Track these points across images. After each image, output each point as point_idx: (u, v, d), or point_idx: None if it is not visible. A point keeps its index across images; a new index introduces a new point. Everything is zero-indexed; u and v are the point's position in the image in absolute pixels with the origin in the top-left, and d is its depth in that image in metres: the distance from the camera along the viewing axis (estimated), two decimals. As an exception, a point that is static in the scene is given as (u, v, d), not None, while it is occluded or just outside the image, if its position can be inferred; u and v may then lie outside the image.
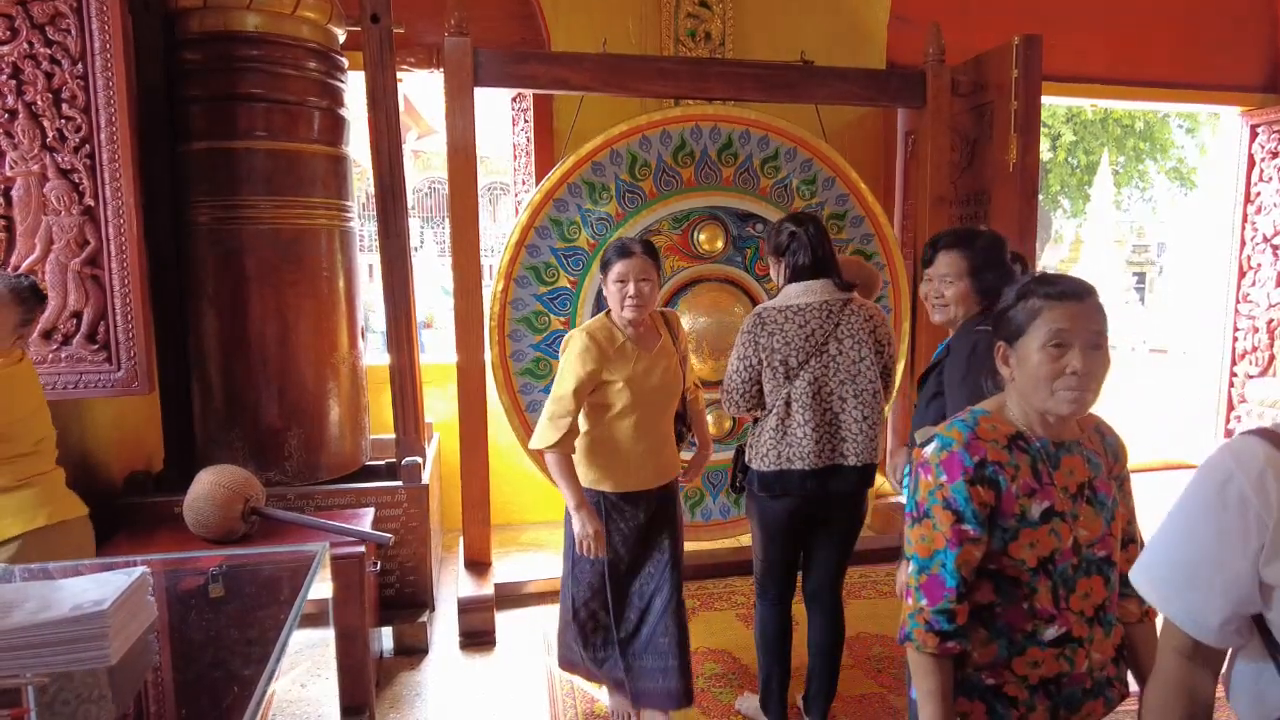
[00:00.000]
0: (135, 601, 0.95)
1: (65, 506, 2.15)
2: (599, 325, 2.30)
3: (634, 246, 2.24)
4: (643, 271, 2.21)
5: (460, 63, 3.21)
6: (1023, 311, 1.26)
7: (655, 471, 2.36)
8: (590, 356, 2.22)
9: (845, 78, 3.66)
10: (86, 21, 2.42)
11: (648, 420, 2.31)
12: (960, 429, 1.29)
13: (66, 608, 0.87)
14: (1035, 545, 1.25)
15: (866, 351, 2.27)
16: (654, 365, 2.29)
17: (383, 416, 3.64)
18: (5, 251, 2.46)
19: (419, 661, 3.03)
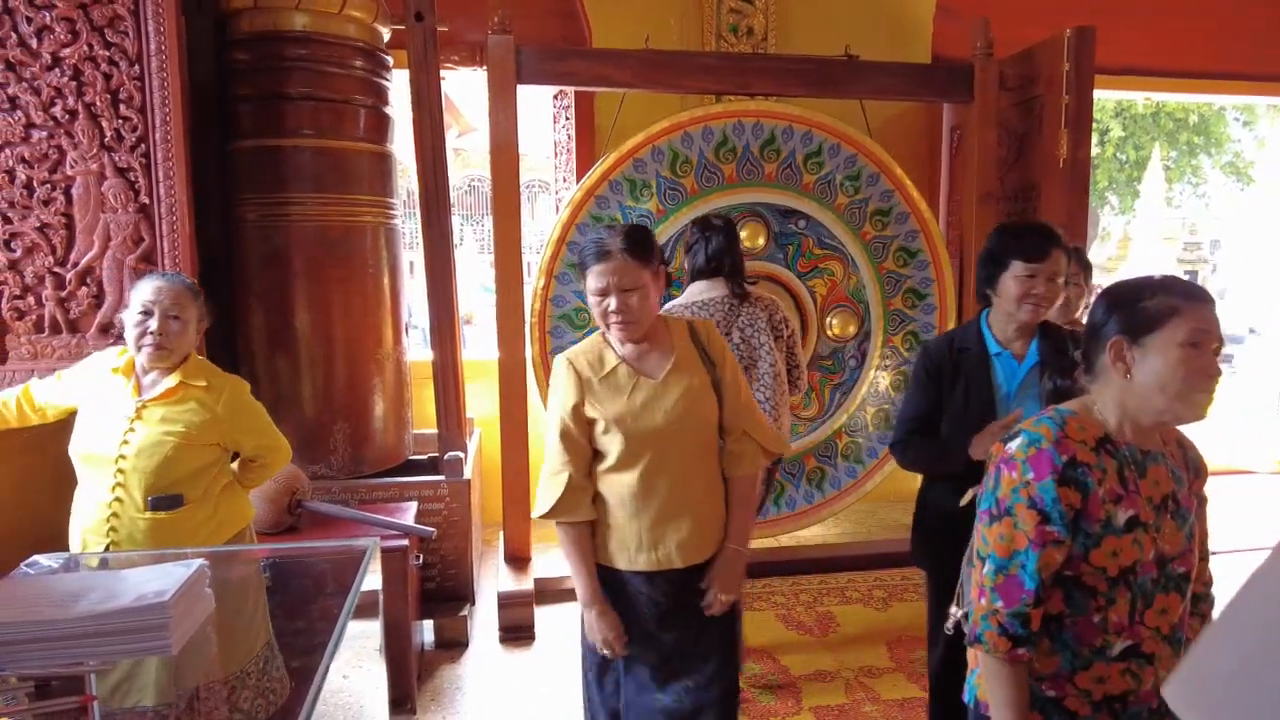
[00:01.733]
0: (194, 592, 0.97)
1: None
2: (587, 346, 1.75)
3: (611, 243, 1.63)
4: (627, 277, 1.61)
5: (503, 60, 3.22)
6: (1156, 307, 1.18)
7: (680, 544, 1.71)
8: (569, 388, 1.69)
9: (890, 72, 3.60)
10: (143, 24, 2.48)
11: (661, 472, 1.68)
12: (1050, 425, 1.23)
13: (130, 598, 0.89)
14: (1118, 554, 1.19)
15: (765, 338, 2.53)
16: (662, 396, 1.69)
17: (424, 412, 3.68)
18: (66, 248, 2.52)
19: (459, 655, 3.06)
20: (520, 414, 3.41)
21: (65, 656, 0.87)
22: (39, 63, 2.40)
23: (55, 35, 2.40)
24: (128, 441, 1.90)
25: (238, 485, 2.11)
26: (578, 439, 1.69)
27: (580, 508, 1.70)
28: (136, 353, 1.94)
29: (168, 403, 1.94)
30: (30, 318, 2.52)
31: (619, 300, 1.61)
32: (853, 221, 3.66)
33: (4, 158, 2.41)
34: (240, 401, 2.04)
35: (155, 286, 1.95)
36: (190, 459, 1.94)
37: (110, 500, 1.90)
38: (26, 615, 0.86)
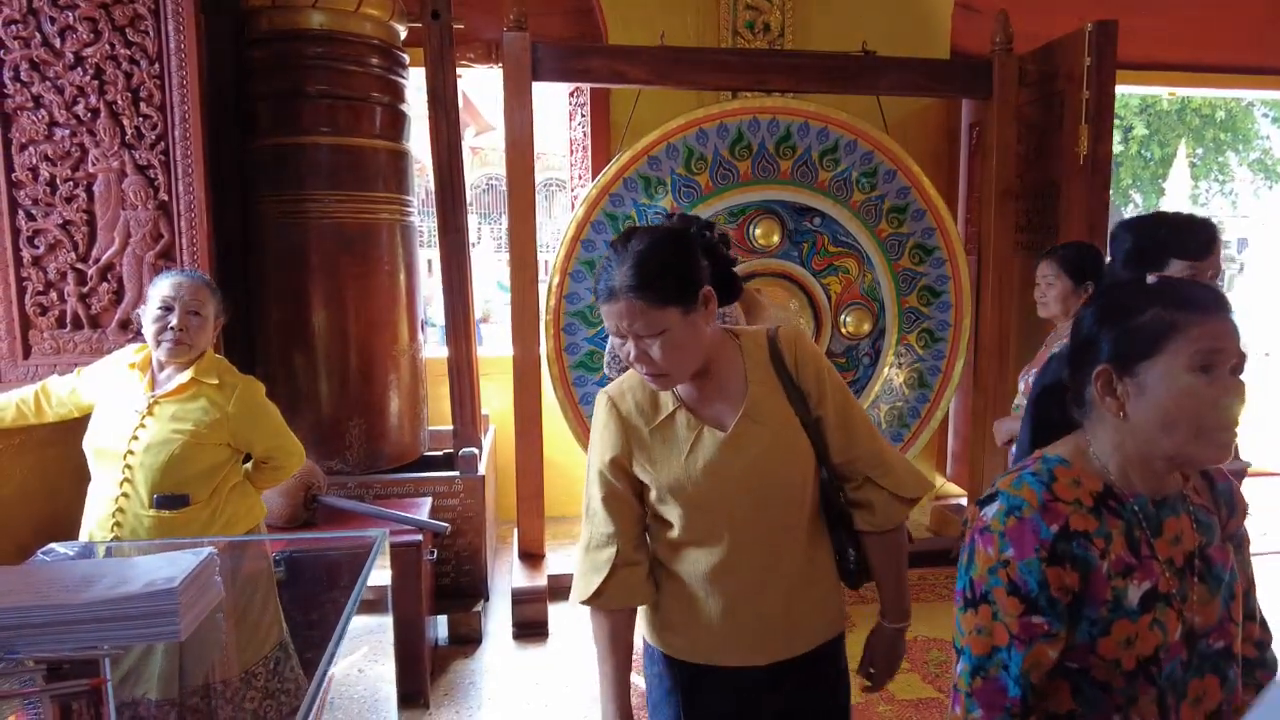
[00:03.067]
0: (204, 580, 0.98)
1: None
2: (637, 381, 1.32)
3: (618, 278, 1.18)
4: (642, 322, 1.18)
5: (519, 57, 3.23)
6: (1150, 324, 0.94)
7: (769, 633, 1.32)
8: (610, 438, 1.30)
9: (908, 68, 3.58)
10: (164, 23, 2.51)
11: (740, 549, 1.29)
12: (1033, 485, 0.96)
13: (140, 584, 0.90)
14: (1133, 642, 0.93)
15: None
16: (732, 455, 1.26)
17: (439, 408, 3.70)
18: (87, 244, 2.56)
19: (473, 651, 3.07)
20: (534, 411, 3.42)
21: (78, 641, 0.89)
22: (62, 62, 2.43)
23: (78, 35, 2.43)
24: (137, 437, 1.92)
25: (248, 485, 2.12)
26: (626, 501, 1.30)
27: (634, 590, 1.30)
28: (155, 348, 1.96)
29: (179, 399, 1.96)
30: (53, 313, 2.56)
31: (636, 349, 1.20)
32: (868, 219, 3.64)
33: (28, 156, 2.45)
34: (252, 402, 2.04)
35: (175, 282, 1.97)
36: (198, 459, 1.94)
37: (117, 495, 1.92)
38: (40, 600, 0.87)
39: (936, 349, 3.81)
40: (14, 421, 2.11)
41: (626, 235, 1.21)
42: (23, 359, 2.54)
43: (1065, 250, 2.46)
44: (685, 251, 1.21)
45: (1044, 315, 2.51)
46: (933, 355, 3.82)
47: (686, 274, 1.19)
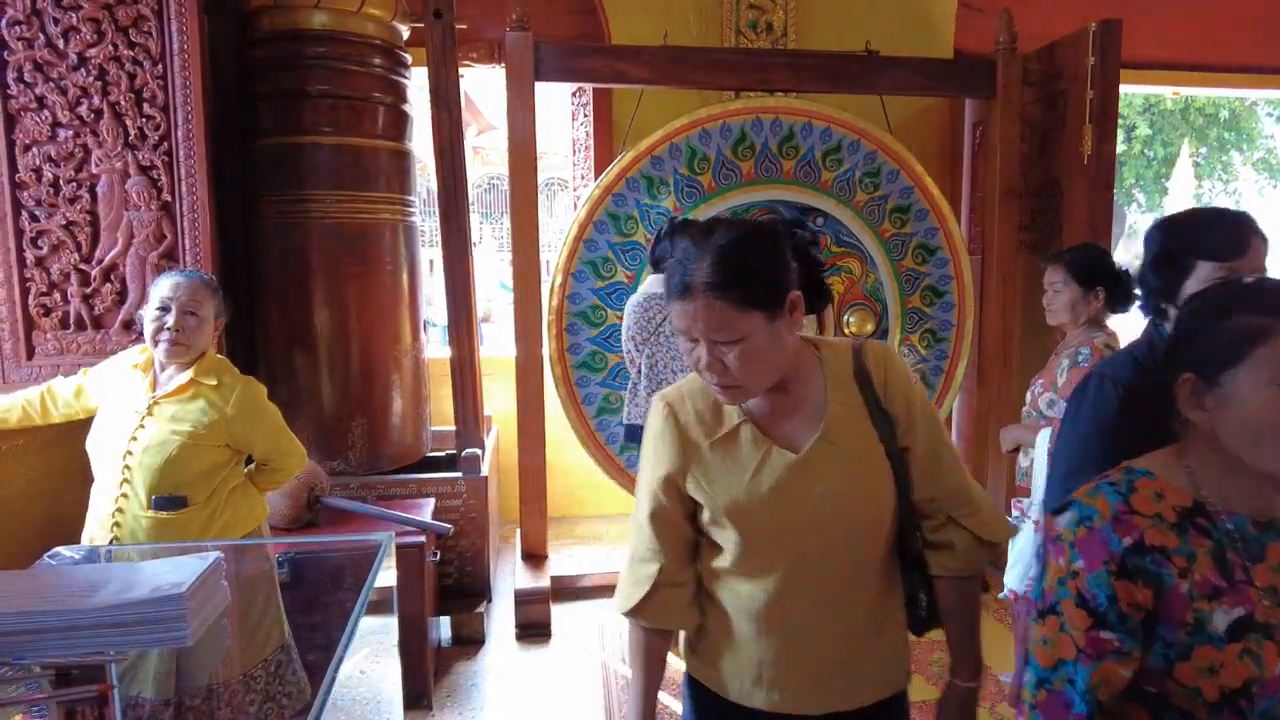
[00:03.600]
0: (211, 585, 0.98)
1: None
2: (699, 388, 1.19)
3: (696, 272, 1.05)
4: (718, 325, 1.05)
5: (521, 57, 3.23)
6: (1236, 330, 0.88)
7: (821, 684, 1.19)
8: (665, 449, 1.18)
9: (911, 67, 3.57)
10: (166, 23, 2.50)
11: (799, 587, 1.15)
12: (1109, 496, 0.92)
13: (147, 589, 0.90)
14: (1217, 671, 0.86)
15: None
16: (805, 479, 1.13)
17: (441, 409, 3.70)
18: (90, 245, 2.56)
19: (475, 652, 3.07)
20: (537, 411, 3.42)
21: (85, 646, 0.88)
22: (65, 63, 2.43)
23: (81, 35, 2.43)
24: (136, 438, 1.91)
25: (249, 487, 2.11)
26: (674, 520, 1.19)
27: (674, 612, 1.20)
28: (154, 348, 1.95)
29: (178, 400, 1.95)
30: (56, 314, 2.56)
31: (709, 356, 1.06)
32: (871, 219, 3.63)
33: (31, 157, 2.45)
34: (251, 403, 2.03)
35: (173, 283, 1.96)
36: (196, 460, 1.93)
37: (116, 496, 1.91)
38: (46, 605, 0.87)
39: (939, 349, 3.80)
40: (19, 422, 2.11)
41: (708, 226, 1.09)
42: (26, 360, 2.54)
43: (1072, 255, 2.37)
44: (775, 250, 1.07)
45: (1053, 323, 2.43)
46: (935, 356, 3.81)
47: (775, 276, 1.06)
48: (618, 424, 3.63)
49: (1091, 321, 2.33)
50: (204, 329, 1.99)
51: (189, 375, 1.96)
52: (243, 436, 2.01)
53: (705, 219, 1.11)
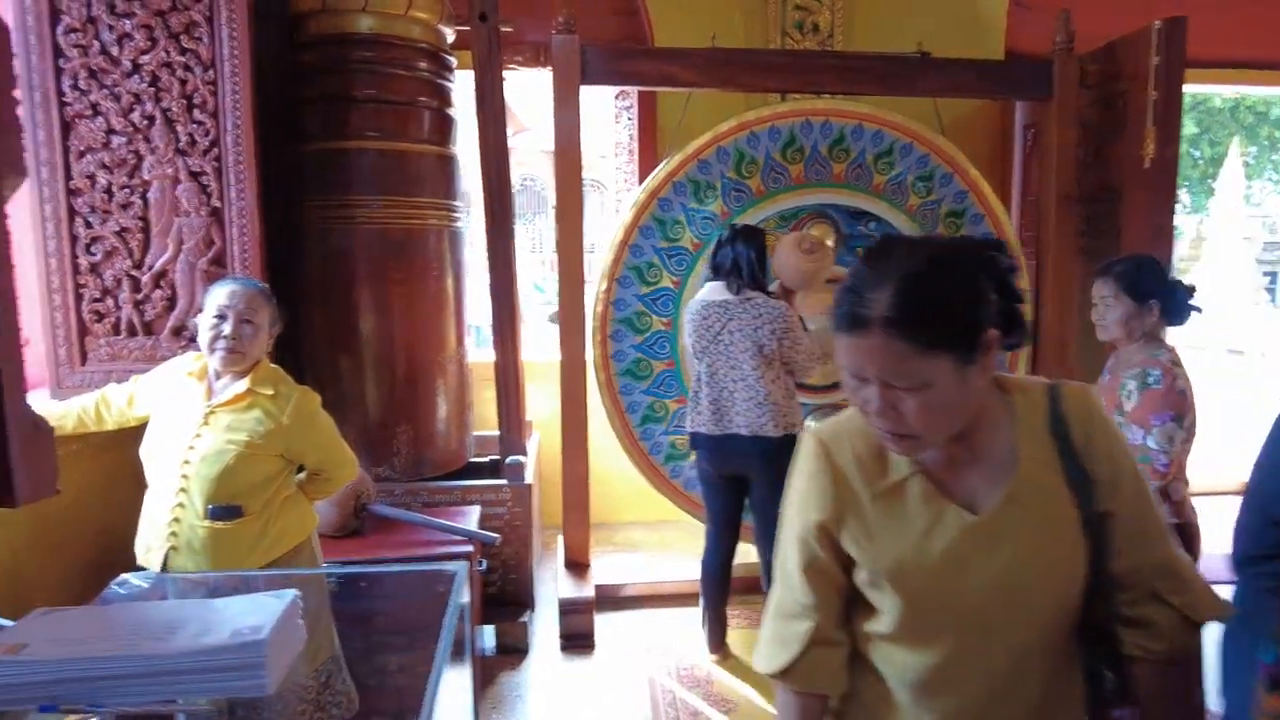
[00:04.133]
0: (289, 626, 0.94)
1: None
2: (861, 426, 1.03)
3: (872, 303, 0.89)
4: (894, 367, 0.90)
5: (568, 60, 3.19)
6: None
7: None
8: (817, 494, 1.05)
9: (965, 69, 3.47)
10: (217, 29, 2.49)
11: (970, 664, 1.01)
12: None
13: (226, 633, 0.86)
14: None
15: (747, 345, 2.72)
16: (987, 545, 0.98)
17: (481, 413, 3.68)
18: (142, 251, 2.56)
19: (519, 662, 3.04)
20: (581, 419, 3.38)
21: (162, 692, 0.85)
22: (119, 70, 2.43)
23: (135, 43, 2.43)
24: (193, 447, 1.90)
25: (300, 497, 2.09)
26: (830, 574, 1.05)
27: (828, 675, 1.07)
28: (210, 356, 1.93)
29: (235, 409, 1.93)
30: (109, 320, 2.56)
31: (881, 401, 0.92)
32: (925, 224, 3.55)
33: (86, 163, 2.45)
34: (307, 413, 2.02)
35: (229, 290, 1.95)
36: (252, 470, 1.92)
37: (173, 506, 1.90)
38: (126, 649, 0.84)
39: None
40: (75, 429, 2.12)
41: (885, 247, 0.95)
42: (80, 365, 2.55)
43: (1123, 266, 2.22)
44: (971, 280, 0.91)
45: (1104, 339, 2.27)
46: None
47: (970, 312, 0.90)
48: (662, 433, 3.58)
49: (1149, 337, 2.17)
50: (260, 337, 1.97)
51: (245, 384, 1.94)
52: (297, 446, 1.99)
53: (882, 239, 1.00)
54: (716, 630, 2.99)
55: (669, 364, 3.55)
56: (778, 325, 2.72)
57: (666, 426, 3.58)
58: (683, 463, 3.58)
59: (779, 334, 2.72)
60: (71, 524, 2.24)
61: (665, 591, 3.50)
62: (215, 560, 1.88)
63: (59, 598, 2.17)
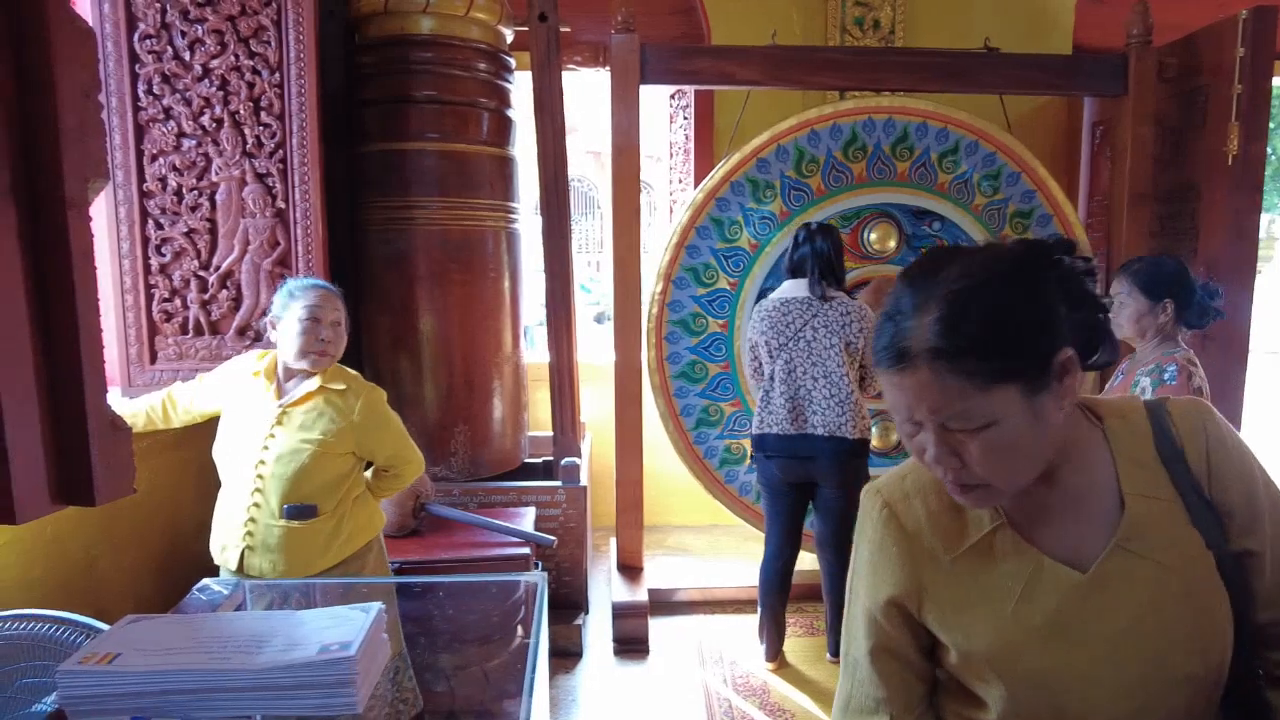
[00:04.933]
0: (375, 640, 0.93)
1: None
2: (920, 479, 0.90)
3: (914, 332, 0.76)
4: (949, 404, 0.76)
5: (627, 60, 3.16)
6: None
7: None
8: (887, 561, 0.89)
9: (1034, 64, 3.36)
10: (285, 33, 2.52)
11: None
12: None
13: (314, 648, 0.85)
14: None
15: (834, 342, 2.68)
16: (1101, 608, 0.81)
17: (534, 414, 3.68)
18: (209, 252, 2.60)
19: (573, 665, 3.02)
20: (635, 421, 3.35)
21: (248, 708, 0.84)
22: (190, 74, 2.47)
23: (205, 47, 2.46)
24: (268, 447, 1.91)
25: (368, 495, 2.10)
26: (904, 658, 0.90)
27: None
28: (300, 359, 1.93)
29: (306, 408, 1.94)
30: (177, 320, 2.61)
31: (938, 447, 0.78)
32: (991, 224, 3.44)
33: (158, 166, 2.50)
34: (376, 410, 2.03)
35: (320, 294, 1.96)
36: (326, 468, 1.93)
37: (249, 505, 1.92)
38: (216, 663, 0.83)
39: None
40: (143, 428, 2.15)
41: (928, 263, 0.79)
42: (149, 365, 2.60)
43: (1140, 264, 2.22)
44: (1035, 291, 0.76)
45: (1119, 337, 2.22)
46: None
47: (1036, 330, 0.75)
48: (716, 436, 3.54)
49: (1164, 336, 2.15)
50: (344, 338, 2.00)
51: (316, 383, 1.95)
52: (367, 443, 2.00)
53: (925, 254, 0.81)
54: (774, 638, 2.94)
55: (724, 367, 3.50)
56: (865, 324, 2.70)
57: (721, 430, 3.54)
58: (737, 467, 3.53)
59: (865, 333, 2.69)
60: (140, 521, 2.28)
61: (718, 597, 3.45)
62: (290, 559, 1.89)
63: (130, 594, 2.22)
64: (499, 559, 2.61)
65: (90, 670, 0.82)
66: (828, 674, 2.90)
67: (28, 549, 1.83)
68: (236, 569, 1.92)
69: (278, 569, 1.89)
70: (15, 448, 0.64)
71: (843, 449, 2.69)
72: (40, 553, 1.88)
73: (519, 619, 2.25)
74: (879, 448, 3.56)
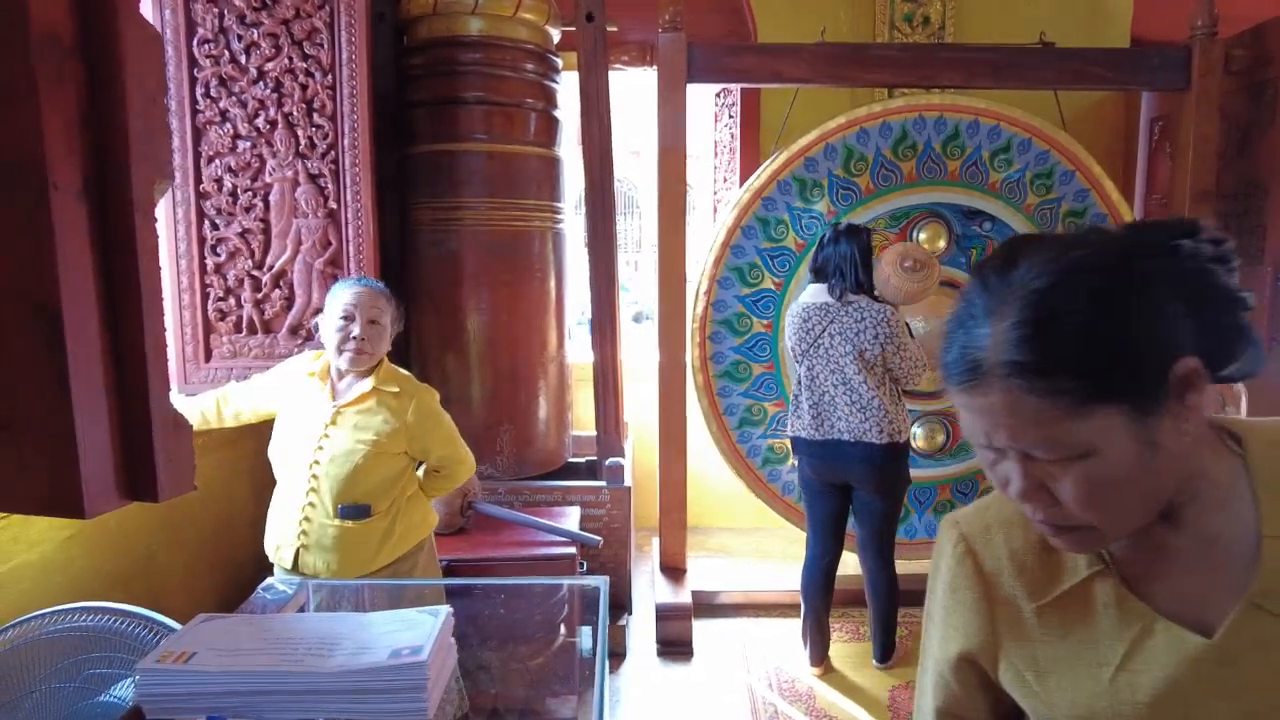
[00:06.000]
0: (444, 644, 0.93)
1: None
2: (1004, 512, 0.75)
3: (989, 344, 0.61)
4: (1053, 436, 0.61)
5: (674, 59, 3.14)
6: None
7: None
8: (959, 611, 0.77)
9: (1092, 59, 3.26)
10: (337, 35, 2.55)
11: None
12: None
13: (384, 653, 0.85)
14: None
15: (849, 349, 2.64)
16: (1237, 666, 0.63)
17: (577, 413, 3.68)
18: (263, 251, 2.64)
19: (617, 666, 3.02)
20: (680, 420, 3.33)
21: (320, 710, 0.84)
22: (246, 77, 2.51)
23: (261, 51, 2.50)
24: (322, 448, 1.93)
25: (420, 495, 2.12)
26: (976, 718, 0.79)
27: None
28: (337, 357, 1.96)
29: (361, 408, 1.96)
30: (231, 318, 2.66)
31: (1024, 481, 0.64)
32: (1043, 224, 3.36)
33: (215, 168, 2.54)
34: (429, 410, 2.04)
35: (355, 291, 1.97)
36: (380, 468, 1.95)
37: (303, 505, 1.94)
38: (290, 665, 0.84)
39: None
40: (198, 427, 2.19)
41: (1006, 254, 0.64)
42: (204, 363, 2.65)
43: None
44: (1138, 289, 0.60)
45: None
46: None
47: (1146, 337, 0.60)
48: (760, 436, 3.51)
49: None
50: (384, 337, 2.00)
51: (370, 384, 1.97)
52: (421, 444, 2.02)
53: (1005, 242, 0.66)
54: (819, 643, 2.90)
55: (769, 366, 3.47)
56: (881, 330, 2.63)
57: (764, 430, 3.50)
58: (780, 467, 3.50)
59: (882, 339, 2.63)
60: (196, 518, 2.33)
61: (762, 600, 3.42)
62: (344, 558, 1.91)
63: (187, 588, 2.26)
64: (545, 558, 2.61)
65: (168, 669, 0.83)
66: (874, 680, 2.86)
67: (93, 541, 1.88)
68: (291, 567, 1.95)
69: (331, 568, 1.91)
70: (85, 444, 0.64)
71: (873, 454, 2.65)
72: (104, 546, 1.92)
73: (562, 618, 2.25)
74: (923, 449, 3.50)
